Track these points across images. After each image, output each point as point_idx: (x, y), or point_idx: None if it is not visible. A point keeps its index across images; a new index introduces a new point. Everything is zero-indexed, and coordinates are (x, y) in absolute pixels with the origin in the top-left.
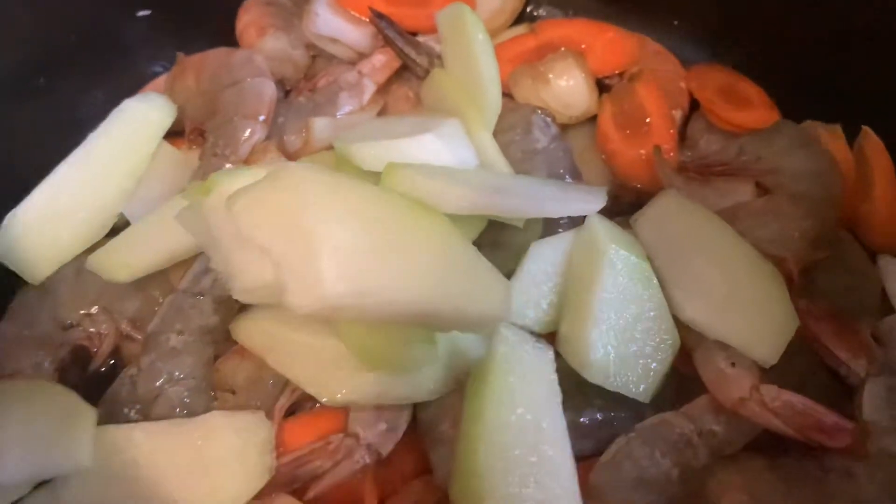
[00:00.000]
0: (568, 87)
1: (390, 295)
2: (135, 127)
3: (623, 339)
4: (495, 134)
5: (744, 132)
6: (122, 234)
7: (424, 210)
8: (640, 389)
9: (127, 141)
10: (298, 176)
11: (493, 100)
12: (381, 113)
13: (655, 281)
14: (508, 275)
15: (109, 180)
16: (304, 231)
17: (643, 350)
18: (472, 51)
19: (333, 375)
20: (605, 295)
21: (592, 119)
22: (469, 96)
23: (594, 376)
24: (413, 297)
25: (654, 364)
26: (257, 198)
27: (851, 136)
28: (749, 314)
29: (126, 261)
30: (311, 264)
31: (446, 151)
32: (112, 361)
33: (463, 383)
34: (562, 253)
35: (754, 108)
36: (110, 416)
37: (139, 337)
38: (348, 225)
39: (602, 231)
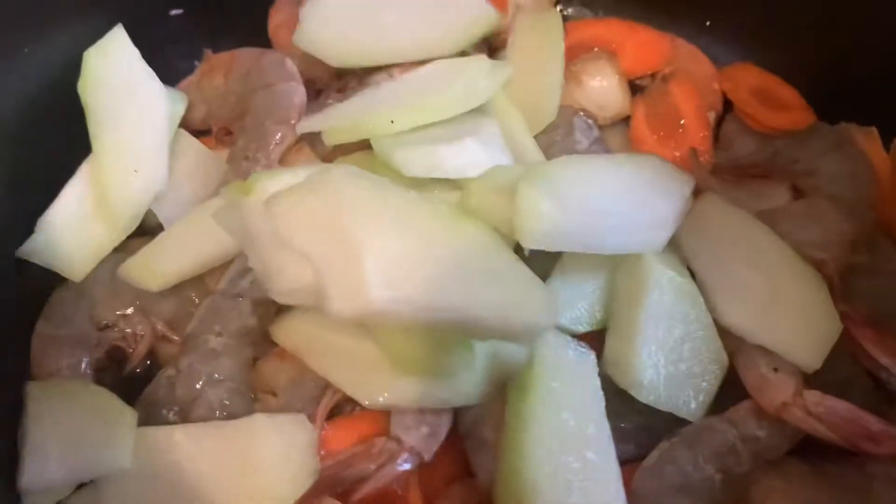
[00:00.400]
0: (601, 88)
1: (433, 302)
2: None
3: (671, 358)
4: (537, 135)
5: (779, 134)
6: (154, 242)
7: (466, 217)
8: (692, 408)
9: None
10: (339, 180)
11: (552, 108)
12: None
13: (701, 300)
14: (545, 276)
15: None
16: (346, 236)
17: (692, 369)
18: (550, 58)
19: (373, 378)
20: (651, 314)
21: (626, 120)
22: (529, 98)
23: (645, 396)
24: (456, 305)
25: (704, 384)
26: (298, 201)
27: (888, 138)
28: (791, 319)
29: (158, 269)
30: (354, 270)
31: (485, 156)
32: (148, 362)
33: (503, 388)
34: None
35: (789, 110)
36: (148, 418)
37: (175, 338)
38: (391, 230)
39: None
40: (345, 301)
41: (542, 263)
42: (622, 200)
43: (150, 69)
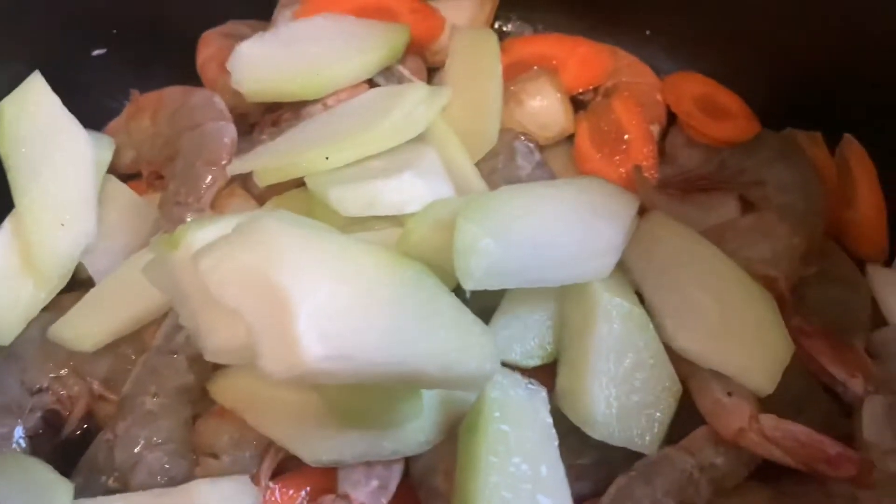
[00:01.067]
0: (542, 108)
1: (372, 357)
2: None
3: (623, 390)
4: (478, 162)
5: (724, 145)
6: (84, 300)
7: (404, 261)
8: (646, 441)
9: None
10: (269, 230)
11: (492, 134)
12: None
13: (651, 326)
14: (493, 308)
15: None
16: (277, 290)
17: (645, 400)
18: (487, 81)
19: (316, 433)
20: (601, 345)
21: (570, 138)
22: (468, 124)
23: (597, 432)
24: (396, 359)
25: (658, 414)
26: (225, 255)
27: (832, 143)
28: (742, 341)
29: (90, 329)
30: (286, 327)
31: (425, 189)
32: (85, 426)
33: (455, 431)
34: None
35: (733, 119)
36: (87, 485)
37: (113, 397)
38: (324, 282)
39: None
40: (278, 360)
41: (489, 295)
42: (565, 230)
43: (71, 116)
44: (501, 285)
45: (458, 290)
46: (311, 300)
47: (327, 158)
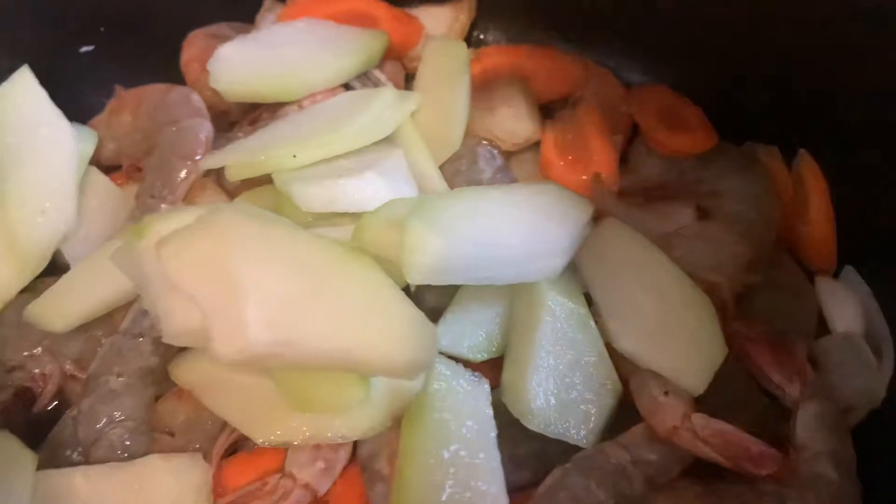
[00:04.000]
0: (511, 115)
1: (315, 343)
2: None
3: (563, 385)
4: (442, 165)
5: (684, 156)
6: (58, 283)
7: (354, 254)
8: (581, 435)
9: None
10: (226, 221)
11: (457, 139)
12: None
13: (593, 325)
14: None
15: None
16: (230, 278)
17: (583, 396)
18: (454, 89)
19: (268, 416)
20: (543, 342)
21: (536, 146)
22: (434, 129)
23: (535, 424)
24: (338, 345)
25: (595, 409)
26: (184, 243)
27: (790, 157)
28: (679, 343)
29: (62, 311)
30: (236, 312)
31: (387, 189)
32: (56, 402)
33: (401, 418)
34: None
35: (692, 132)
36: (53, 459)
37: (83, 377)
38: (275, 272)
39: None
40: (227, 343)
41: (443, 294)
42: (514, 231)
43: (57, 109)
44: (446, 281)
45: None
46: (260, 288)
47: (294, 156)
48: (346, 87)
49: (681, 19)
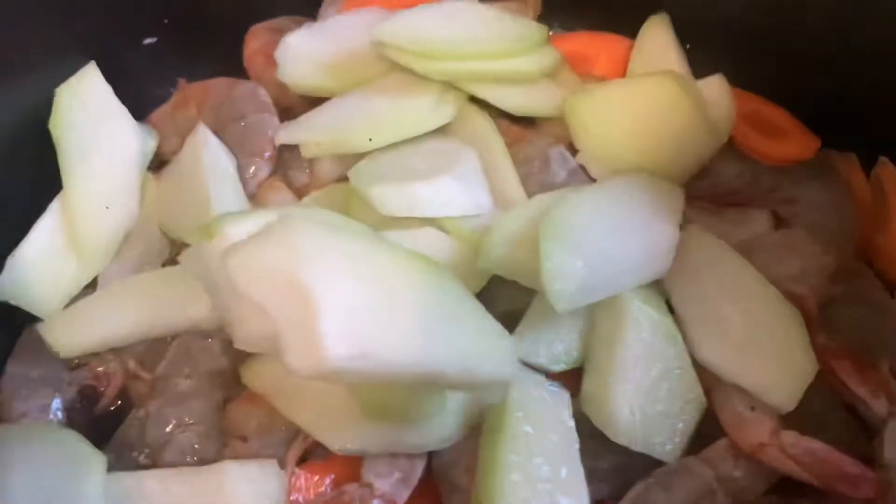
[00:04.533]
0: None
1: (392, 356)
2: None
3: (649, 399)
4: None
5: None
6: (73, 308)
7: (428, 263)
8: (667, 450)
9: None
10: (296, 229)
11: None
12: None
13: (680, 337)
14: (522, 310)
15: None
16: (302, 290)
17: (669, 410)
18: None
19: (343, 423)
20: (629, 353)
21: None
22: None
23: (619, 437)
24: (416, 359)
25: (681, 424)
26: (253, 253)
27: (868, 165)
28: (767, 358)
29: (65, 340)
30: (310, 326)
31: (464, 195)
32: (119, 402)
33: (479, 428)
34: None
35: (790, 137)
36: (119, 460)
37: (147, 376)
38: (348, 284)
39: None
40: (302, 357)
41: (516, 295)
42: (633, 235)
43: (121, 105)
44: (586, 302)
45: (481, 293)
46: (334, 300)
47: (370, 140)
48: None
49: (754, 21)
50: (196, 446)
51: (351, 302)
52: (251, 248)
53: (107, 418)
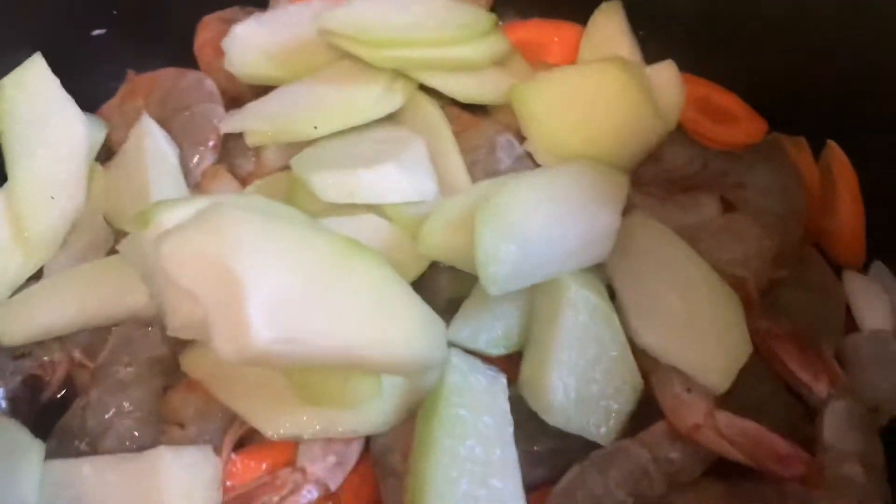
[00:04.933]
0: None
1: (319, 341)
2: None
3: (583, 380)
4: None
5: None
6: (18, 296)
7: (361, 251)
8: (601, 432)
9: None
10: (227, 216)
11: None
12: None
13: (616, 320)
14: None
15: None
16: (230, 276)
17: (604, 391)
18: None
19: (278, 409)
20: (565, 335)
21: None
22: None
23: (555, 419)
24: (342, 344)
25: (616, 405)
26: (184, 239)
27: (817, 149)
28: (704, 339)
29: (10, 328)
30: (237, 311)
31: (407, 182)
32: (65, 391)
33: (415, 412)
34: None
35: (739, 122)
36: (61, 449)
37: (92, 365)
38: (277, 270)
39: None
40: (228, 342)
41: (459, 283)
42: (571, 220)
43: (68, 97)
44: (521, 286)
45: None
46: (262, 286)
47: (315, 128)
48: None
49: (707, 9)
50: (135, 433)
51: (279, 287)
52: (182, 234)
53: (52, 408)
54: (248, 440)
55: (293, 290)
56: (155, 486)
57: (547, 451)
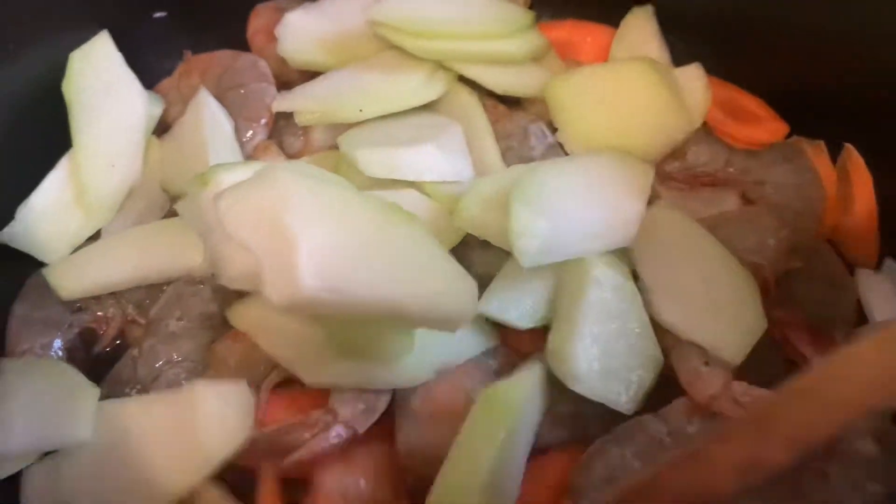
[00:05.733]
0: None
1: (361, 292)
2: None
3: (606, 352)
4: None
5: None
6: (77, 253)
7: (402, 213)
8: (622, 400)
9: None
10: (282, 177)
11: None
12: None
13: (639, 298)
14: (495, 274)
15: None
16: (283, 230)
17: (626, 363)
18: None
19: (317, 359)
20: (590, 310)
21: None
22: None
23: (579, 387)
24: (383, 296)
25: (635, 377)
26: (241, 196)
27: (835, 152)
28: (722, 317)
29: (68, 283)
30: (288, 260)
31: (444, 162)
32: (118, 342)
33: (442, 371)
34: None
35: (762, 122)
36: (112, 395)
37: (143, 321)
38: (325, 225)
39: None
40: (279, 289)
41: (490, 260)
42: (597, 204)
43: (130, 72)
44: (551, 260)
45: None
46: (311, 239)
47: (361, 111)
48: None
49: (734, 17)
50: (183, 381)
51: (327, 241)
52: (240, 191)
53: (104, 359)
54: (284, 388)
55: (340, 244)
56: (195, 418)
57: (568, 414)
